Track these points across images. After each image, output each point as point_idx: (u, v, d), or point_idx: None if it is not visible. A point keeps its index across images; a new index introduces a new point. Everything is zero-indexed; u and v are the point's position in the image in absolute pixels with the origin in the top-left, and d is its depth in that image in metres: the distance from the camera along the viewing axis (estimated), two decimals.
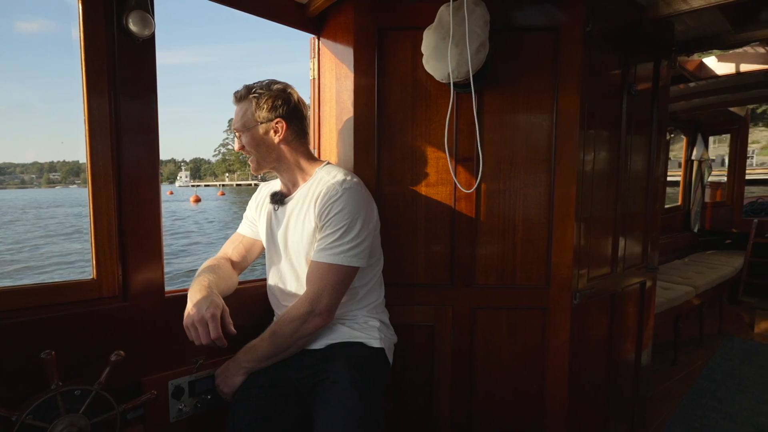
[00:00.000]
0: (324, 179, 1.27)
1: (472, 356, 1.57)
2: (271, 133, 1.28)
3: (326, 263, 1.20)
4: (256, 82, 1.30)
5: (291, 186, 1.36)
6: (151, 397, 1.15)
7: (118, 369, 1.09)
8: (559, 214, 1.52)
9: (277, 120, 1.27)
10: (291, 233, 1.31)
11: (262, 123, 1.26)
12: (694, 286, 3.15)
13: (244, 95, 1.28)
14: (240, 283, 1.45)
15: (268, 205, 1.40)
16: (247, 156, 1.32)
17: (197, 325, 1.11)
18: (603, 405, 1.84)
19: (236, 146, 1.34)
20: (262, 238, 1.42)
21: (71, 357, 1.09)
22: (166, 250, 1.30)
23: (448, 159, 1.45)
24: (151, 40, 1.18)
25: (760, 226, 4.21)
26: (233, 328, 1.16)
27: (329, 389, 1.14)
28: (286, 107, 1.28)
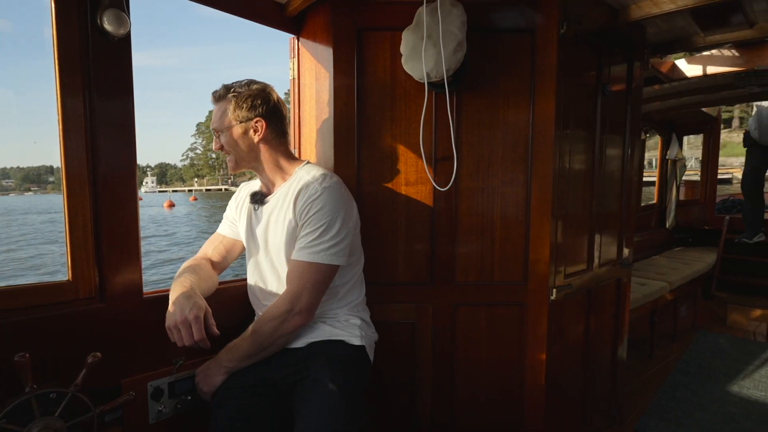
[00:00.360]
0: (304, 178, 1.28)
1: (453, 352, 1.60)
2: (251, 132, 1.27)
3: (306, 262, 1.20)
4: (235, 82, 1.30)
5: (271, 185, 1.36)
6: (129, 398, 1.14)
7: (96, 371, 1.08)
8: (535, 212, 1.55)
9: (256, 119, 1.27)
10: (271, 232, 1.31)
11: (241, 122, 1.26)
12: (669, 282, 3.24)
13: (222, 95, 1.28)
14: (220, 283, 1.45)
15: (248, 205, 1.40)
16: (225, 155, 1.32)
17: (180, 326, 1.11)
18: (580, 398, 1.89)
19: (215, 146, 1.33)
20: (243, 237, 1.42)
21: (47, 360, 1.07)
22: (161, 257, 1.29)
23: (427, 158, 1.47)
24: (126, 39, 1.17)
25: (731, 222, 4.35)
26: (216, 329, 1.16)
27: (310, 387, 1.15)
28: (266, 106, 1.28)
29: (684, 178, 4.76)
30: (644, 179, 4.73)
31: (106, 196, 1.17)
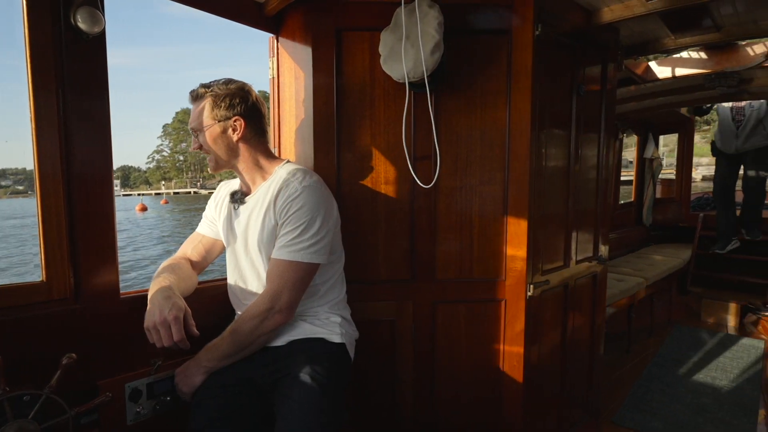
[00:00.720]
0: (284, 177, 1.28)
1: (433, 349, 1.62)
2: (230, 131, 1.27)
3: (286, 260, 1.21)
4: (213, 81, 1.30)
5: (251, 184, 1.36)
6: (105, 399, 1.13)
7: (72, 373, 1.06)
8: (513, 210, 1.58)
9: (235, 118, 1.26)
10: (251, 232, 1.31)
11: (219, 121, 1.26)
12: (645, 278, 3.33)
13: (201, 94, 1.27)
14: (201, 282, 1.44)
15: (227, 205, 1.39)
16: (206, 155, 1.32)
17: (159, 327, 1.10)
18: (559, 393, 1.93)
19: (193, 146, 1.32)
20: (222, 237, 1.41)
21: (21, 361, 1.06)
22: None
23: (407, 157, 1.49)
24: (101, 37, 1.15)
25: (705, 219, 4.48)
26: (196, 330, 1.15)
27: (290, 384, 1.15)
28: (244, 105, 1.28)
29: (660, 176, 4.89)
30: (623, 178, 4.85)
31: (82, 195, 1.15)
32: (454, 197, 1.57)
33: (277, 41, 1.65)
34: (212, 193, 1.54)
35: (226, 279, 1.43)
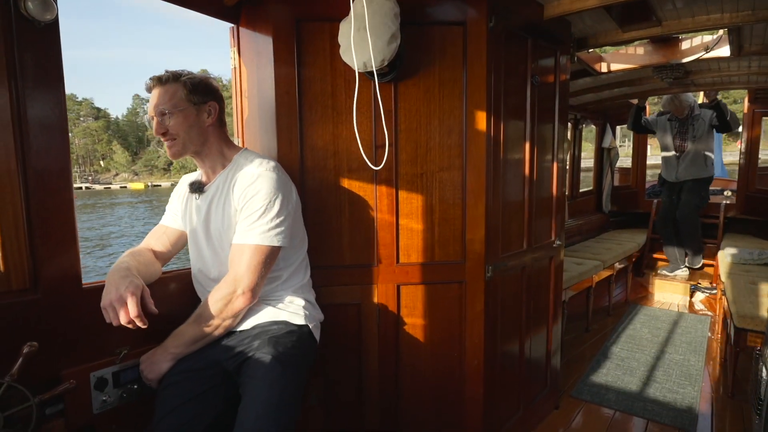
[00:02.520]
0: (241, 165, 1.31)
1: (397, 329, 1.68)
2: (205, 115, 1.30)
3: (247, 244, 1.24)
4: (176, 70, 1.30)
5: (211, 173, 1.38)
6: (70, 387, 1.13)
7: (36, 363, 1.07)
8: (471, 195, 1.65)
9: (210, 102, 1.31)
10: (213, 220, 1.33)
11: (196, 104, 1.28)
12: (603, 261, 3.51)
13: (170, 78, 1.27)
14: (165, 272, 1.45)
15: (188, 195, 1.41)
16: (167, 140, 1.29)
17: (115, 304, 1.10)
18: (519, 369, 2.03)
19: (157, 130, 1.28)
20: (186, 227, 1.43)
21: None
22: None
23: (368, 145, 1.53)
24: (54, 25, 1.14)
25: (659, 205, 4.74)
26: (154, 308, 1.15)
27: (254, 365, 1.19)
28: (216, 93, 1.33)
29: (619, 165, 5.13)
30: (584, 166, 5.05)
31: (39, 185, 1.14)
32: (414, 183, 1.63)
33: (238, 31, 1.66)
34: (108, 188, 1.54)
35: (190, 269, 1.44)
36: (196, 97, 1.28)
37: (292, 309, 1.35)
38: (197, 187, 1.37)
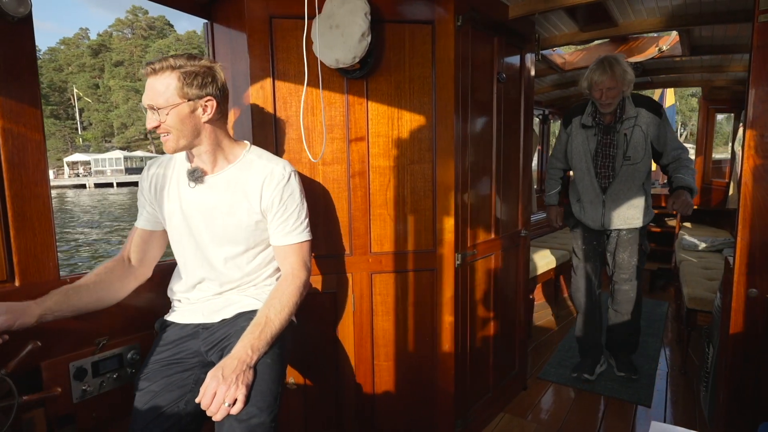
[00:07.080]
0: (259, 163, 1.34)
1: (372, 316, 1.75)
2: (199, 111, 1.23)
3: (296, 243, 1.37)
4: (172, 55, 1.21)
5: (210, 165, 1.34)
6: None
7: (13, 355, 1.08)
8: (441, 186, 1.73)
9: (207, 98, 1.23)
10: (219, 215, 1.31)
11: (190, 100, 1.20)
12: (570, 251, 3.66)
13: (165, 68, 1.18)
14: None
15: (172, 182, 1.36)
16: (162, 134, 1.25)
17: None
18: (489, 353, 2.14)
19: (150, 124, 1.23)
20: (168, 217, 1.36)
21: None
22: None
23: (340, 139, 1.59)
24: (27, 19, 1.15)
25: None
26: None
27: (232, 347, 1.23)
28: (216, 85, 1.24)
29: None
30: None
31: (15, 179, 1.16)
32: (386, 176, 1.70)
33: (212, 27, 1.68)
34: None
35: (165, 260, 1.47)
36: (191, 92, 1.20)
37: None
38: (197, 176, 1.32)
